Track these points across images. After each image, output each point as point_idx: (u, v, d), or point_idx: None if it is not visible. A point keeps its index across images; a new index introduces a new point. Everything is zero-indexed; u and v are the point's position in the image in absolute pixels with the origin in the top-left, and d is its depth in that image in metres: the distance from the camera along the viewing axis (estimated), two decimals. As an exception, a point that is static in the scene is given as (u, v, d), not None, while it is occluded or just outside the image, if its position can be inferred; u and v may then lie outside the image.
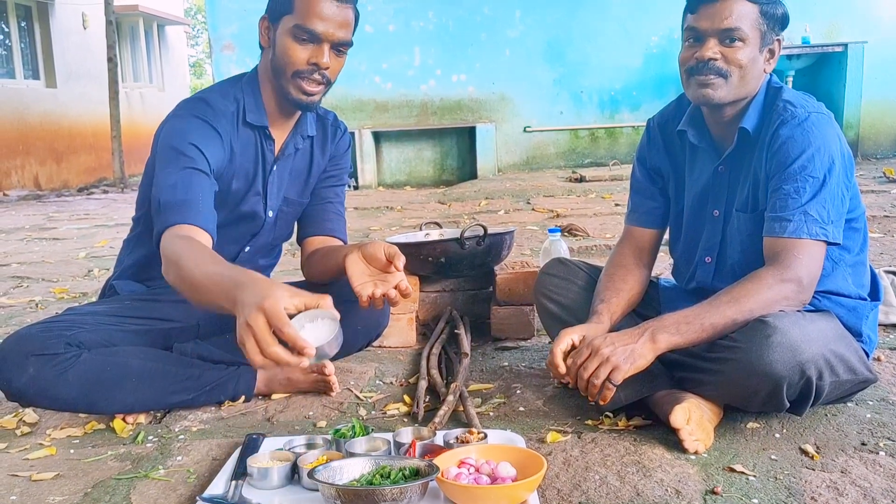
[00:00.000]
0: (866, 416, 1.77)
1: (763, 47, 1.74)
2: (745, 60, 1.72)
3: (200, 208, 1.75)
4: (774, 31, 1.76)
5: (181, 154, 1.80)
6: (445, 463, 1.44)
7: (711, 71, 1.73)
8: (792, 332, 1.54)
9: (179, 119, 1.88)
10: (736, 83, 1.74)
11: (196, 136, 1.84)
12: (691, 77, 1.76)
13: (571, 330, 1.75)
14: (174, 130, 1.86)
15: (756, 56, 1.74)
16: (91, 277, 3.96)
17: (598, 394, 1.62)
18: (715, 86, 1.73)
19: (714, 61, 1.72)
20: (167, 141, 1.85)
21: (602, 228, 4.58)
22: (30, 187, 10.75)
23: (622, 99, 8.21)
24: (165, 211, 1.74)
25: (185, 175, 1.78)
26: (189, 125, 1.86)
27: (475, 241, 2.48)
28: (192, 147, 1.81)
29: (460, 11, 8.10)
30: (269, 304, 1.34)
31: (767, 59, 1.77)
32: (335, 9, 1.83)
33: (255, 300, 1.35)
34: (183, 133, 1.84)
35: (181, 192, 1.75)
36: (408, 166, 8.30)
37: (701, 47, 1.73)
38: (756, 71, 1.75)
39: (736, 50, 1.71)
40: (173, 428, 1.89)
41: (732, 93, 1.75)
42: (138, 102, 14.29)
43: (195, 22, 28.44)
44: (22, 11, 11.67)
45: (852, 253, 1.81)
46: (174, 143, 1.83)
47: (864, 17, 7.79)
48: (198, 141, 1.83)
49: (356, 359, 2.35)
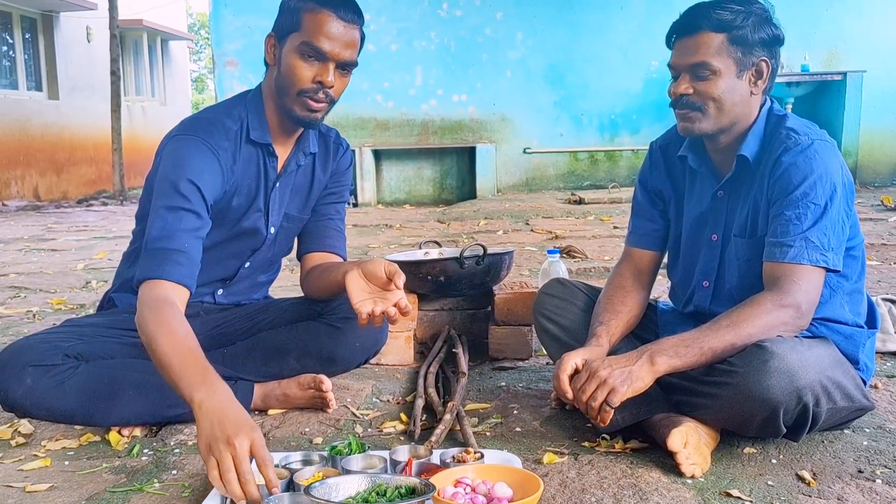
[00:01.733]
0: (863, 443, 1.76)
1: (742, 72, 1.74)
2: (717, 93, 1.73)
3: (182, 260, 1.76)
4: (754, 53, 1.74)
5: (176, 192, 1.80)
6: (442, 482, 1.44)
7: (686, 106, 1.77)
8: (790, 358, 1.54)
9: (181, 143, 1.88)
10: (714, 114, 1.76)
11: (194, 168, 1.84)
12: (674, 111, 1.81)
13: (573, 354, 1.75)
14: (175, 157, 1.86)
15: (734, 84, 1.74)
16: (89, 289, 3.96)
17: (598, 416, 1.62)
18: (693, 119, 1.77)
19: (687, 96, 1.76)
20: (166, 170, 1.85)
21: (601, 250, 4.59)
22: (29, 198, 10.76)
23: (622, 122, 8.25)
24: (149, 258, 1.75)
25: (176, 220, 1.79)
26: (189, 153, 1.86)
27: (474, 260, 2.49)
28: (188, 184, 1.81)
29: (462, 32, 8.16)
30: (258, 436, 1.41)
31: (753, 81, 1.76)
32: (342, 29, 1.85)
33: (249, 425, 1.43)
34: (183, 164, 1.84)
35: (166, 240, 1.76)
36: (407, 185, 8.32)
37: (676, 83, 1.77)
38: (738, 97, 1.76)
39: (707, 84, 1.74)
40: (169, 441, 1.88)
41: (713, 123, 1.77)
42: (140, 116, 14.34)
43: (198, 37, 28.60)
44: (27, 23, 11.75)
45: (850, 280, 1.82)
46: (172, 177, 1.83)
47: (864, 46, 7.85)
48: (195, 175, 1.83)
49: (353, 376, 2.34)
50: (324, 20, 1.83)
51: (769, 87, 1.80)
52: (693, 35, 1.74)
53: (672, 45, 1.80)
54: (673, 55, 1.79)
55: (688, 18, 1.76)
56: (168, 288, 1.72)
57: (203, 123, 1.92)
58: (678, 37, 1.78)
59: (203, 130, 1.90)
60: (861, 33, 7.87)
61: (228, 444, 1.37)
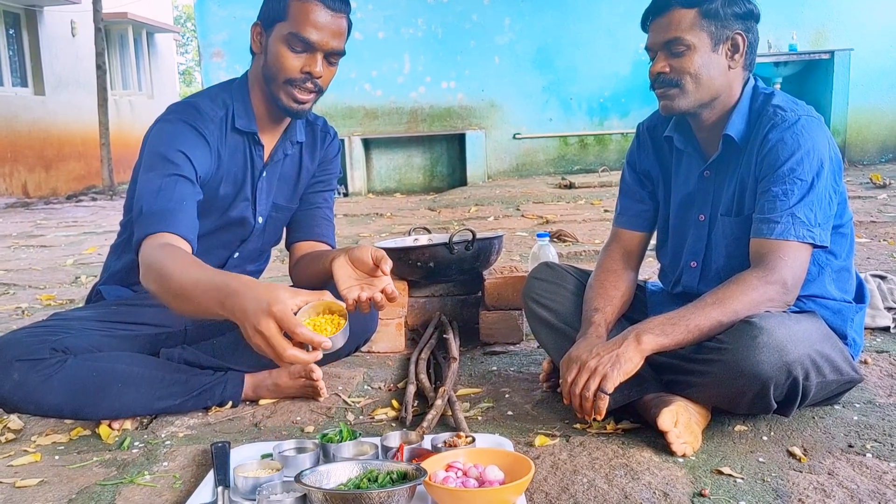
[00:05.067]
0: (853, 418, 1.77)
1: (717, 45, 1.75)
2: (693, 67, 1.74)
3: (182, 217, 1.73)
4: (728, 27, 1.74)
5: (167, 160, 1.79)
6: (433, 466, 1.44)
7: (664, 84, 1.79)
8: (778, 333, 1.54)
9: (168, 123, 1.87)
10: (692, 89, 1.76)
11: (183, 141, 1.83)
12: (653, 91, 1.82)
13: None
14: (162, 135, 1.85)
15: (709, 58, 1.75)
16: (78, 284, 3.94)
17: (594, 407, 1.61)
18: (672, 96, 1.78)
19: (664, 74, 1.77)
20: (154, 146, 1.84)
21: (591, 234, 4.59)
22: (18, 195, 10.70)
23: (611, 106, 8.25)
24: (146, 218, 1.72)
25: (170, 182, 1.77)
26: (177, 130, 1.85)
27: (464, 245, 2.48)
28: (178, 153, 1.80)
29: (449, 18, 8.13)
30: (277, 309, 1.36)
31: (729, 55, 1.77)
32: (329, 18, 1.83)
33: (261, 307, 1.37)
34: (170, 138, 1.83)
35: (163, 200, 1.73)
36: (398, 173, 8.31)
37: (653, 64, 1.79)
38: (714, 71, 1.76)
39: (682, 59, 1.75)
40: (160, 434, 1.87)
41: (693, 99, 1.77)
42: (127, 110, 14.26)
43: (185, 30, 28.42)
44: (10, 19, 11.64)
45: (839, 258, 1.82)
46: (160, 149, 1.81)
47: (851, 24, 7.86)
48: (185, 147, 1.82)
49: (344, 364, 2.34)
50: (311, 9, 1.82)
51: (749, 62, 1.80)
52: (665, 13, 1.76)
53: (646, 29, 1.82)
54: (648, 37, 1.81)
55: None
56: (171, 238, 1.69)
57: (189, 108, 1.91)
58: (652, 18, 1.80)
59: (189, 114, 1.89)
60: (848, 12, 7.87)
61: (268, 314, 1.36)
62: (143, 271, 1.64)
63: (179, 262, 1.60)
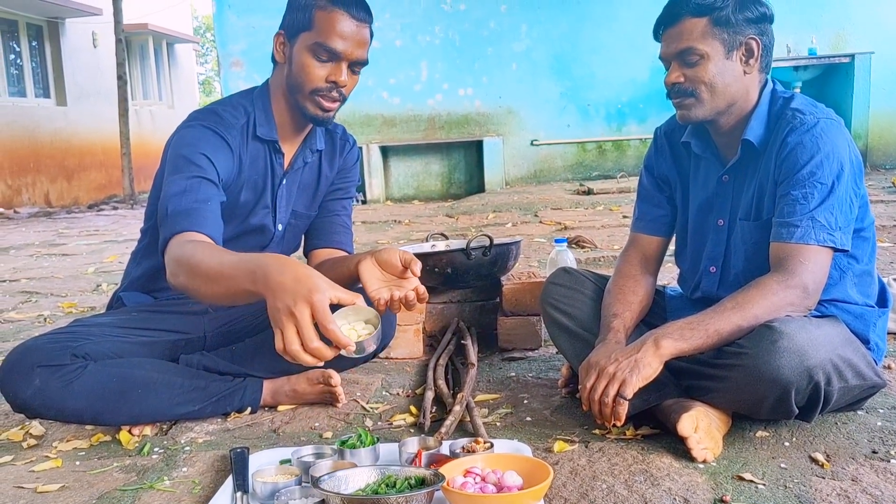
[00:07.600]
0: (877, 423, 1.75)
1: (731, 52, 1.74)
2: (708, 76, 1.74)
3: (208, 216, 1.74)
4: (741, 33, 1.73)
5: (190, 162, 1.80)
6: (451, 472, 1.43)
7: (680, 94, 1.78)
8: (799, 337, 1.52)
9: (191, 128, 1.89)
10: (708, 98, 1.76)
11: (206, 145, 1.85)
12: (671, 101, 1.81)
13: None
14: (185, 139, 1.87)
15: (723, 65, 1.74)
16: (100, 292, 3.97)
17: (613, 413, 1.60)
18: (688, 106, 1.78)
19: (679, 84, 1.77)
20: (177, 149, 1.85)
21: (610, 240, 4.57)
22: (40, 204, 10.83)
23: (629, 111, 8.22)
24: (172, 218, 1.73)
25: (194, 183, 1.78)
26: (200, 134, 1.87)
27: (481, 251, 2.48)
28: (201, 156, 1.82)
29: (466, 26, 8.14)
30: (317, 299, 1.31)
31: (744, 60, 1.75)
32: (354, 28, 1.84)
33: (302, 291, 1.32)
34: (194, 142, 1.85)
35: (189, 201, 1.74)
36: (415, 180, 8.32)
37: (668, 74, 1.79)
38: (730, 78, 1.75)
39: (696, 69, 1.74)
40: (179, 439, 1.88)
41: (709, 107, 1.77)
42: (148, 120, 14.40)
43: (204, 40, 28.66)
44: (33, 31, 11.81)
45: (860, 262, 1.80)
46: (184, 152, 1.83)
47: (871, 27, 7.78)
48: (208, 150, 1.84)
49: (362, 370, 2.34)
50: (337, 19, 1.83)
51: (765, 65, 1.79)
52: (676, 23, 1.75)
53: (659, 39, 1.81)
54: (661, 47, 1.80)
55: (670, 8, 1.78)
56: (198, 237, 1.68)
57: (211, 114, 1.92)
58: (664, 28, 1.79)
59: (211, 119, 1.90)
60: (868, 15, 7.80)
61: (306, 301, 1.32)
62: (171, 268, 1.63)
63: (209, 249, 1.60)
